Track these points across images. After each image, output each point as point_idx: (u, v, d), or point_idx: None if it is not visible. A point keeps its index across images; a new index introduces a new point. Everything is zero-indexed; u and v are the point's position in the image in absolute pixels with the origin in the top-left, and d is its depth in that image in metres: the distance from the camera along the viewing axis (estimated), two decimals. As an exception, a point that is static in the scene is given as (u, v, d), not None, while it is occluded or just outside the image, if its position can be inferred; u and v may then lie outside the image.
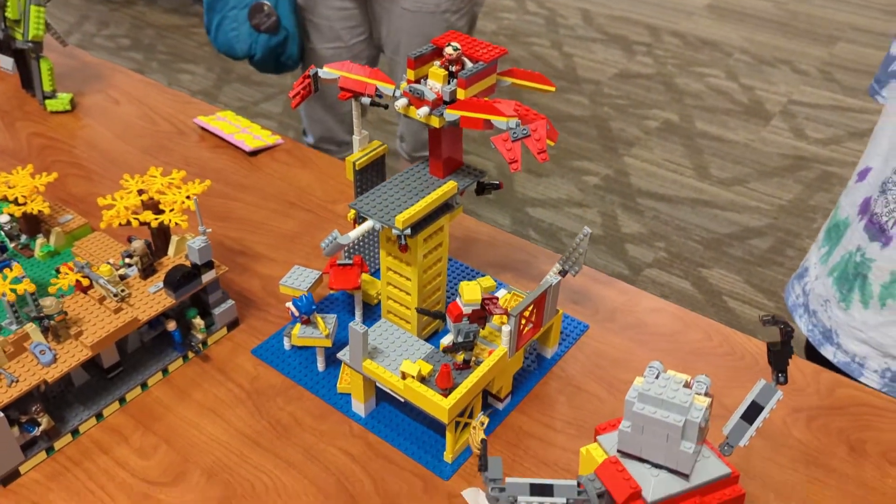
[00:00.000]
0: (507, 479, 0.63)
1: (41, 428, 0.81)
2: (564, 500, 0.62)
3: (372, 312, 1.04)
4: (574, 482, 0.63)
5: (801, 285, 1.25)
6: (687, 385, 0.61)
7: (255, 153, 1.34)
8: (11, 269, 0.95)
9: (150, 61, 3.55)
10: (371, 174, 1.00)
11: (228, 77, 3.45)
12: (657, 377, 0.62)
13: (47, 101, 1.41)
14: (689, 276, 2.45)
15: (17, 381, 0.78)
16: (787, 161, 2.97)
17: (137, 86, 1.54)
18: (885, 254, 1.05)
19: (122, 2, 4.09)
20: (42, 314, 0.81)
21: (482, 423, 0.68)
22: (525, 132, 0.76)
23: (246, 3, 1.63)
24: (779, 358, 0.66)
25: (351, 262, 0.99)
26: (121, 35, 3.78)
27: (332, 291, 1.02)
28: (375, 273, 1.09)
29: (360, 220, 0.99)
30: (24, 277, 0.83)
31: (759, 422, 0.66)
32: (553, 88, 0.90)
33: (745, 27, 3.95)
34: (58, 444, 0.84)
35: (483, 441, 0.66)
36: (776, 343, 0.67)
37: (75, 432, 0.85)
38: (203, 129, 1.39)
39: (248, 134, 1.37)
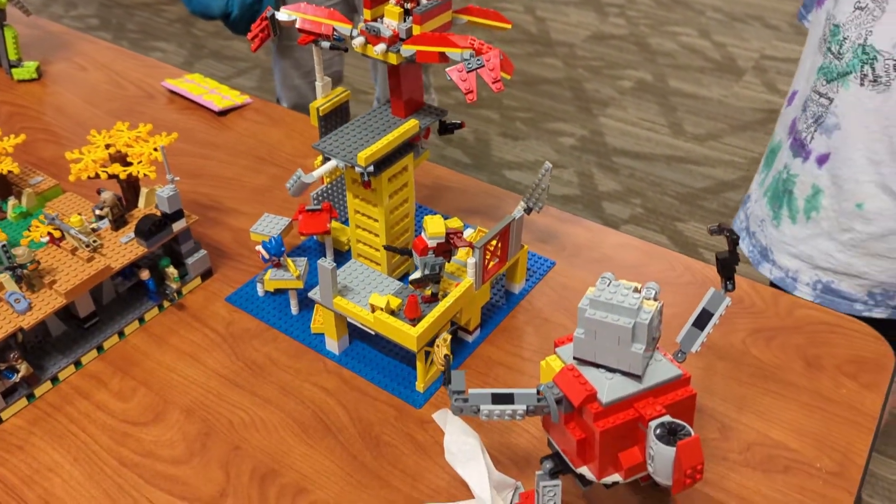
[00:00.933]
0: (470, 391, 0.65)
1: (20, 374, 0.83)
2: (524, 407, 0.64)
3: (343, 259, 1.06)
4: (533, 390, 0.65)
5: (745, 211, 1.30)
6: (636, 291, 0.64)
7: (223, 113, 1.35)
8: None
9: (121, 40, 3.52)
10: (335, 120, 1.01)
11: (200, 53, 3.43)
12: (608, 285, 0.64)
13: (13, 70, 1.41)
14: (665, 231, 2.49)
15: (-7, 329, 0.80)
16: (760, 115, 3.00)
17: (104, 52, 1.54)
18: (805, 167, 1.10)
19: (89, -18, 4.03)
20: (14, 264, 0.83)
21: (445, 340, 0.70)
22: (479, 62, 0.78)
23: None
24: (726, 266, 0.69)
25: (320, 207, 1.00)
26: (89, 15, 3.74)
27: (302, 238, 1.04)
28: (346, 221, 1.11)
29: (325, 161, 1.01)
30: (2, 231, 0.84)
31: (709, 327, 0.69)
32: (509, 25, 0.92)
33: (716, -15, 3.95)
34: (38, 392, 0.86)
35: (446, 356, 0.68)
36: (724, 252, 0.70)
37: (55, 380, 0.87)
38: (172, 91, 1.40)
39: (217, 94, 1.38)
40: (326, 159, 0.89)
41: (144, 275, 0.94)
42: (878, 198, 1.08)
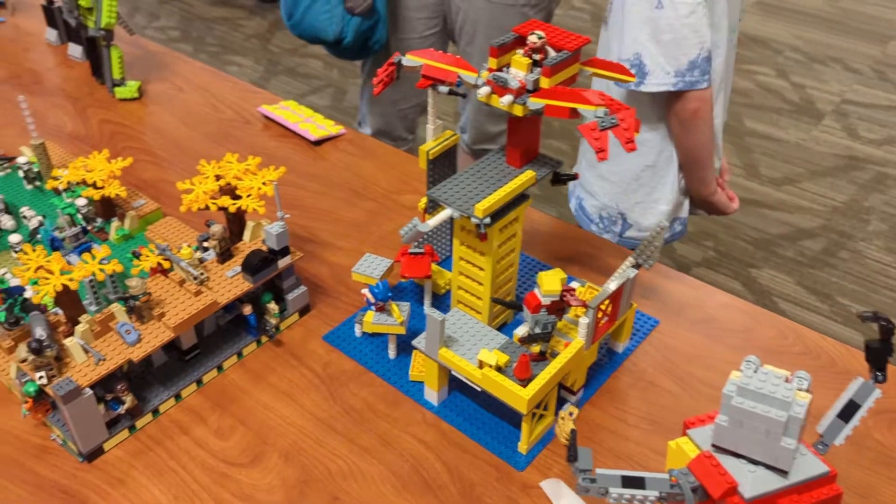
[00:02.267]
0: (598, 471, 0.62)
1: (125, 406, 0.83)
2: (657, 493, 0.61)
3: (440, 302, 1.04)
4: (666, 476, 0.62)
5: None
6: (786, 381, 0.60)
7: (318, 143, 1.35)
8: (91, 252, 0.97)
9: (200, 53, 3.60)
10: (443, 164, 1.00)
11: (275, 69, 3.48)
12: (755, 371, 0.61)
13: (116, 89, 1.43)
14: (738, 277, 2.42)
15: (105, 360, 0.80)
16: (840, 161, 2.91)
17: (200, 74, 1.56)
18: None
19: (171, -6, 4.14)
20: (127, 294, 0.83)
21: (571, 414, 0.68)
22: (613, 121, 0.75)
23: None
24: (878, 355, 0.65)
25: (422, 251, 0.99)
26: (171, 27, 3.83)
27: (402, 280, 1.02)
28: (443, 262, 1.09)
29: (430, 207, 0.99)
30: (111, 258, 0.84)
31: (855, 420, 0.64)
32: (633, 79, 0.89)
33: (795, 24, 3.87)
34: (139, 423, 0.86)
35: (572, 431, 0.65)
36: (875, 340, 0.66)
37: (156, 412, 0.87)
38: (267, 117, 1.41)
39: (312, 123, 1.38)
40: (431, 203, 0.87)
41: (247, 310, 0.93)
42: None
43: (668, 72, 1.28)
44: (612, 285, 0.86)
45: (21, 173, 1.18)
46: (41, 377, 0.76)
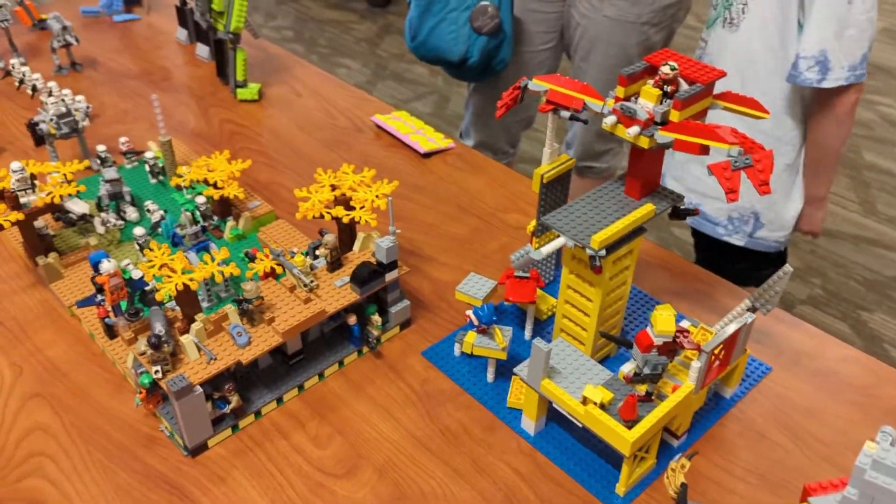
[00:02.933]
0: (709, 530, 0.59)
1: (231, 406, 0.85)
2: (772, 562, 0.58)
3: (541, 328, 1.02)
4: (783, 544, 0.58)
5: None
6: (929, 458, 0.56)
7: (427, 155, 1.36)
8: (209, 251, 1.00)
9: (311, 54, 3.70)
10: (556, 188, 0.98)
11: (382, 73, 3.54)
12: (892, 444, 0.56)
13: (238, 90, 1.49)
14: (846, 318, 2.29)
15: (216, 359, 0.82)
16: (970, 204, 2.71)
17: (317, 79, 1.60)
18: None
19: (288, -5, 4.28)
20: (241, 298, 0.85)
21: (683, 466, 0.65)
22: (747, 162, 0.72)
23: (468, 4, 1.61)
24: None
25: (528, 275, 0.97)
26: (286, 27, 3.96)
27: (505, 303, 1.01)
28: (547, 286, 1.07)
29: (540, 231, 0.98)
30: (230, 261, 0.87)
31: None
32: (767, 115, 0.85)
33: (927, 54, 3.64)
34: (242, 423, 0.88)
35: (683, 485, 0.62)
36: None
37: (258, 413, 0.89)
38: (379, 126, 1.42)
39: (423, 136, 1.39)
40: (541, 227, 0.86)
41: (352, 320, 0.94)
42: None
43: (843, 66, 1.32)
44: (728, 329, 0.82)
45: (147, 167, 1.23)
46: (157, 371, 0.79)
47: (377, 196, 0.97)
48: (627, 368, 0.84)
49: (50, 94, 1.42)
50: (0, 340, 0.98)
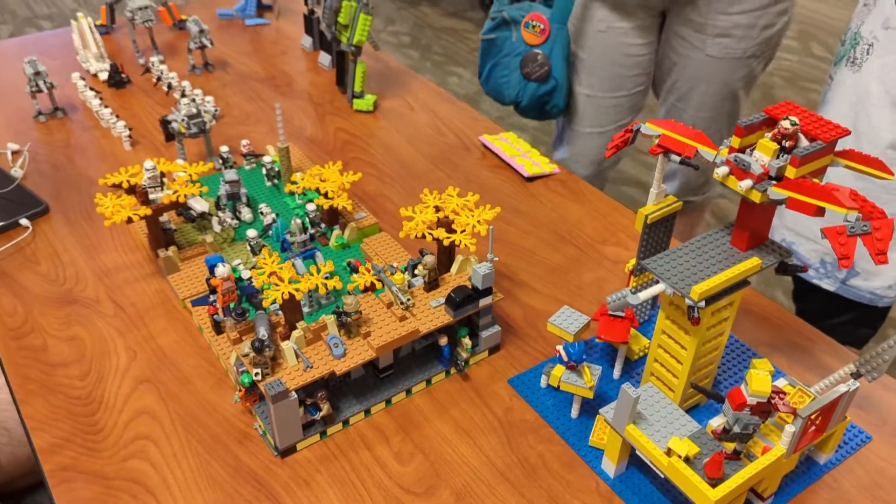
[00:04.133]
0: None
1: (321, 413, 0.89)
2: None
3: (631, 368, 1.01)
4: None
5: None
6: None
7: (531, 179, 1.37)
8: (315, 260, 1.05)
9: (425, 61, 3.77)
10: (660, 230, 0.97)
11: (493, 84, 3.56)
12: None
13: (355, 101, 1.54)
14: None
15: (312, 367, 0.86)
16: None
17: (431, 95, 1.63)
18: None
19: (408, 1, 4.38)
20: (342, 310, 0.89)
21: (766, 537, 0.63)
22: (865, 229, 0.69)
23: (519, 51, 1.64)
24: None
25: (622, 314, 0.97)
26: (403, 33, 4.05)
27: (597, 340, 1.01)
28: (641, 326, 1.06)
29: (639, 271, 0.97)
30: (334, 274, 0.91)
31: None
32: (892, 177, 0.81)
33: None
34: (330, 430, 0.91)
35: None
36: None
37: (346, 422, 0.92)
38: (486, 147, 1.44)
39: (528, 159, 1.40)
40: (640, 268, 0.85)
41: (443, 341, 0.96)
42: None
43: None
44: (828, 396, 0.79)
45: (264, 170, 1.30)
46: (257, 373, 0.84)
47: (479, 221, 0.99)
48: (717, 423, 0.82)
49: (183, 94, 1.51)
50: (119, 324, 1.06)
